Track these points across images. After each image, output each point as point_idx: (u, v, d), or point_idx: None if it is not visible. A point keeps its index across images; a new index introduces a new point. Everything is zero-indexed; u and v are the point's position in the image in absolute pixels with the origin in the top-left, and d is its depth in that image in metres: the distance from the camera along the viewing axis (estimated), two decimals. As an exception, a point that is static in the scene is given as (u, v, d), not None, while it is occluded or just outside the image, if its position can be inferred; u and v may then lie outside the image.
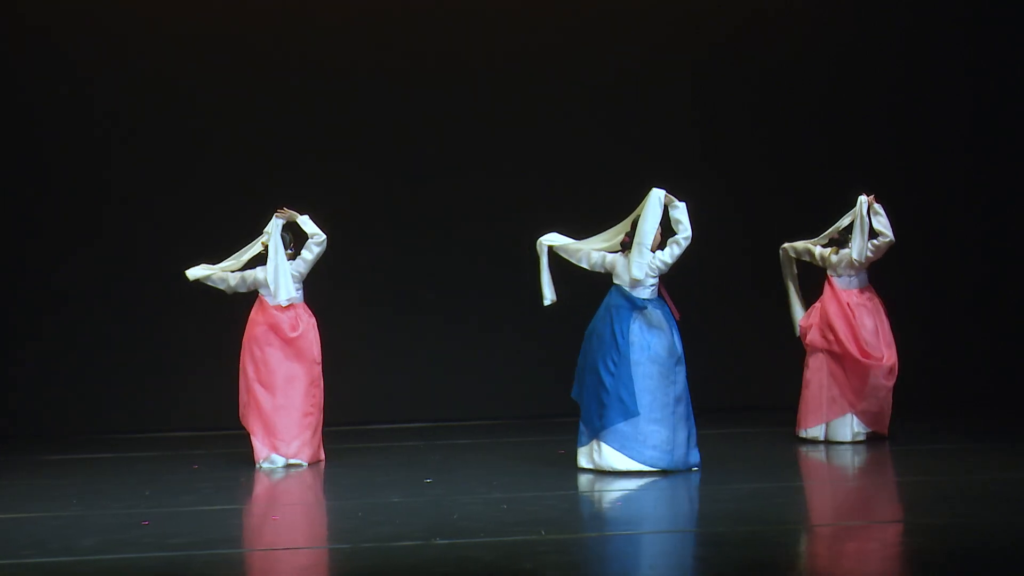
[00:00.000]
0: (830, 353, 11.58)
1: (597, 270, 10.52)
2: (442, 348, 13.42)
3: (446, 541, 7.87)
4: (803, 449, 11.27)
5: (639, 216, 10.26)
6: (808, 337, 11.69)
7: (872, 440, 11.45)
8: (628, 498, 9.30)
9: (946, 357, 13.62)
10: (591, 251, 10.47)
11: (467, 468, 10.58)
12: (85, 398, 13.13)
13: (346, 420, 12.72)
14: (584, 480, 9.91)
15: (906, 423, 11.86)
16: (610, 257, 10.41)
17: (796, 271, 11.94)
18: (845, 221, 11.60)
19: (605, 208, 10.98)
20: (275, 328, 11.04)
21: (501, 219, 13.12)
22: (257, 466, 10.82)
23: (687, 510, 9.21)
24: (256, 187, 12.83)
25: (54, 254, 13.13)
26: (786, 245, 11.90)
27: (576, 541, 8.00)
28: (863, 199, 11.46)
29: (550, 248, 10.53)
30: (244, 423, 11.04)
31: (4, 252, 13.13)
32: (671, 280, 10.51)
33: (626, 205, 10.63)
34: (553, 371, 12.35)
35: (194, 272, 11.15)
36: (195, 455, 11.58)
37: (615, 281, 10.37)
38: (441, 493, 9.46)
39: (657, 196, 10.20)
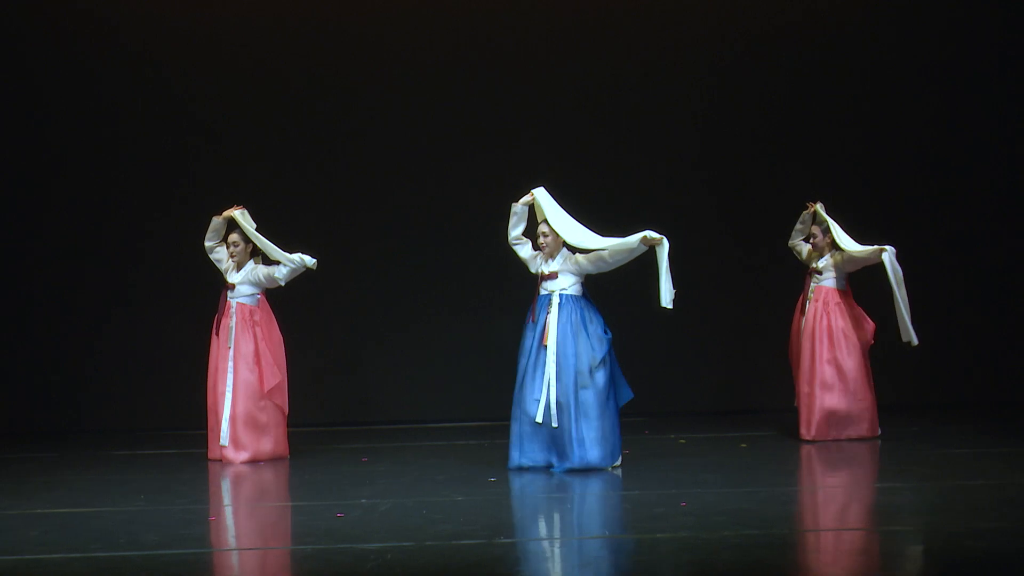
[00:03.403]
0: None
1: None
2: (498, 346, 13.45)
3: (509, 540, 7.88)
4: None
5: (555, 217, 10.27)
6: None
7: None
8: (684, 498, 9.26)
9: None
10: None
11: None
12: (152, 393, 13.26)
13: (405, 419, 12.78)
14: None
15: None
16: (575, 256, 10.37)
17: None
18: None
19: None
20: None
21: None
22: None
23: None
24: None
25: (124, 251, 13.31)
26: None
27: (640, 542, 7.98)
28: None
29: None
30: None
31: (59, 248, 13.32)
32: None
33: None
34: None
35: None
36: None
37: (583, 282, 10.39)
38: (503, 492, 9.47)
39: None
